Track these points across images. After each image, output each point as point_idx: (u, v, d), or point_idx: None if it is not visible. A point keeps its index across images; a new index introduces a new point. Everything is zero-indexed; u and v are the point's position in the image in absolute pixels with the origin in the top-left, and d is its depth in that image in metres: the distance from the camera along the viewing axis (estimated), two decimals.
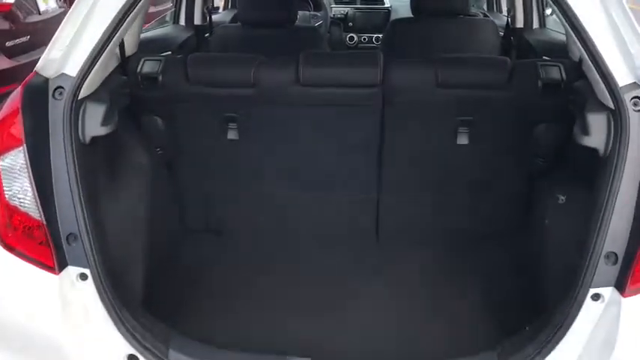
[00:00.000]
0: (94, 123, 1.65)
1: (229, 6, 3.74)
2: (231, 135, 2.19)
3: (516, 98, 2.00)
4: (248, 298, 2.03)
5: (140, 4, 1.68)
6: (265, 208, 2.38)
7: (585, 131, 1.57)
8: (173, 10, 3.12)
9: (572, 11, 1.47)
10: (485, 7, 4.07)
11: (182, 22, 3.14)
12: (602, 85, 1.50)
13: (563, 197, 1.92)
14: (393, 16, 4.03)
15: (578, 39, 1.50)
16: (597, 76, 1.50)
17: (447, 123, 2.10)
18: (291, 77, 2.02)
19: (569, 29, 1.52)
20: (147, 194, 2.07)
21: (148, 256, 1.99)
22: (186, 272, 2.20)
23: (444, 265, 2.23)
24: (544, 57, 2.59)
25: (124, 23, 1.66)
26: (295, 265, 2.23)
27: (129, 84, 1.98)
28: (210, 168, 2.30)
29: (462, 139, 2.13)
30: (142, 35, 2.81)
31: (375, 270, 2.21)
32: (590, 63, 1.50)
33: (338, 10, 4.15)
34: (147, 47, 2.65)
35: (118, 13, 1.63)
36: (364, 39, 4.00)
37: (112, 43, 1.66)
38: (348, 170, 2.26)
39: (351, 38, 4.04)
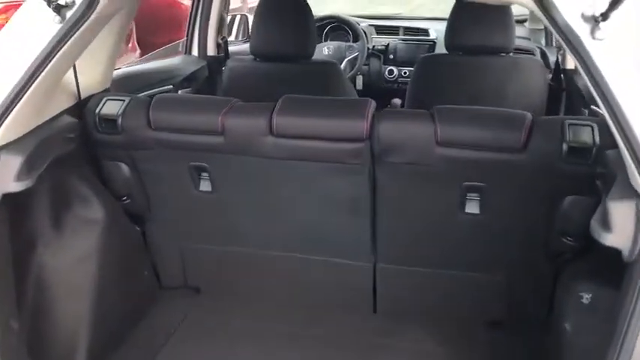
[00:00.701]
0: (6, 178, 1.41)
1: (240, 36, 3.51)
2: (204, 186, 1.92)
3: (536, 164, 1.60)
4: None
5: (76, 36, 1.44)
6: (247, 268, 2.10)
7: (605, 224, 1.17)
8: (185, 39, 2.91)
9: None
10: (543, 41, 3.63)
11: (195, 52, 2.93)
12: (633, 164, 1.11)
13: (588, 296, 1.50)
14: (438, 50, 3.68)
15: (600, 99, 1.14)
16: (626, 150, 1.12)
17: (452, 188, 1.73)
18: (263, 126, 1.72)
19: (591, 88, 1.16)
20: (100, 251, 1.82)
21: (101, 318, 1.81)
22: (160, 333, 2.00)
23: (447, 352, 1.86)
24: (592, 107, 2.17)
25: (52, 61, 1.42)
26: (282, 335, 1.97)
27: (80, 127, 1.75)
28: (184, 221, 2.04)
29: (472, 208, 1.76)
30: (143, 66, 2.61)
31: (372, 347, 1.92)
32: (615, 130, 1.13)
33: (379, 40, 3.81)
34: (144, 80, 2.45)
35: (44, 50, 1.39)
36: (405, 73, 3.65)
37: (35, 84, 1.42)
38: (336, 233, 1.94)
39: (391, 72, 3.70)
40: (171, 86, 2.60)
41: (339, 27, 3.83)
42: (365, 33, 3.78)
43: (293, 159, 1.77)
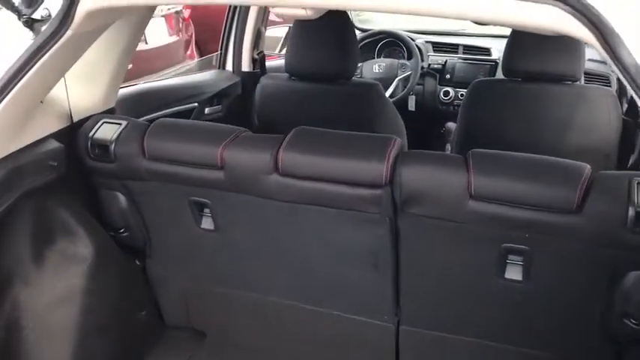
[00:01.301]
0: None
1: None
2: (206, 224, 1.70)
3: (593, 230, 1.29)
4: None
5: (51, 53, 1.25)
6: (254, 316, 1.87)
7: None
8: (218, 53, 2.72)
9: None
10: None
11: (229, 67, 2.73)
12: None
13: None
14: (501, 71, 3.34)
15: None
16: None
17: (489, 249, 1.44)
18: (267, 162, 1.49)
19: None
20: (85, 291, 1.63)
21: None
22: None
23: None
24: None
25: (20, 81, 1.24)
26: None
27: (65, 153, 1.56)
28: (186, 258, 1.83)
29: (513, 273, 1.46)
30: (163, 82, 2.45)
31: None
32: None
33: (435, 59, 3.51)
34: (164, 97, 2.28)
35: (9, 70, 1.21)
36: (462, 95, 3.33)
37: (4, 101, 1.24)
38: (353, 287, 1.67)
39: (447, 93, 3.39)
40: (196, 104, 2.41)
41: (394, 43, 3.56)
42: (420, 50, 3.48)
43: (301, 202, 1.52)
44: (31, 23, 1.26)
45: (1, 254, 1.52)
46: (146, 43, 5.43)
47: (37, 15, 1.28)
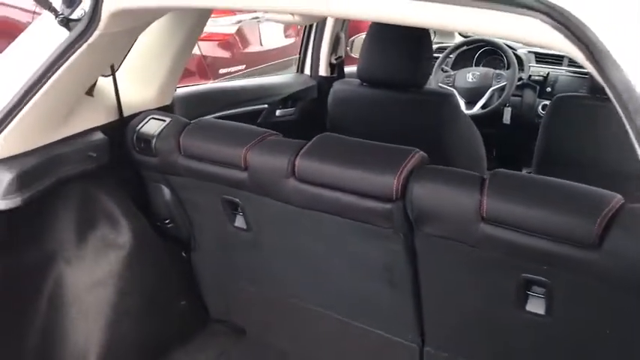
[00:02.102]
0: None
1: None
2: (239, 222, 1.74)
3: (615, 266, 1.15)
4: None
5: (81, 52, 1.35)
6: (285, 317, 1.89)
7: None
8: (298, 57, 2.75)
9: None
10: None
11: (307, 71, 2.76)
12: None
13: None
14: None
15: None
16: None
17: (508, 278, 1.33)
18: (284, 167, 1.49)
19: None
20: (120, 278, 1.74)
21: (115, 345, 1.76)
22: None
23: None
24: None
25: (56, 73, 1.35)
26: None
27: (107, 145, 1.67)
28: (225, 255, 1.88)
29: (535, 306, 1.35)
30: (235, 83, 2.54)
31: None
32: None
33: (536, 70, 3.29)
34: (233, 97, 2.36)
35: (55, 52, 1.32)
36: None
37: (35, 101, 1.36)
38: (375, 302, 1.63)
39: (545, 107, 3.16)
40: (266, 105, 2.46)
41: (494, 52, 3.39)
42: (522, 60, 3.28)
43: (316, 209, 1.50)
44: (66, 22, 1.35)
45: (48, 236, 1.65)
46: (261, 45, 5.65)
47: (74, 15, 1.37)
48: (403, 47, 2.12)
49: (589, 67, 0.88)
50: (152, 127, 1.73)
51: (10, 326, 1.57)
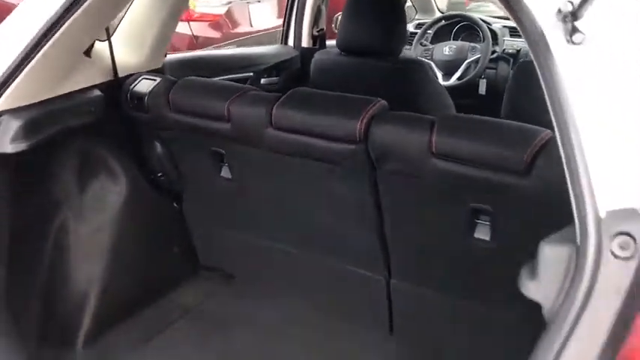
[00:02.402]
0: (3, 139, 1.55)
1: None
2: (224, 172, 1.93)
3: (540, 192, 1.34)
4: None
5: (84, 9, 1.52)
6: (270, 261, 2.08)
7: (532, 271, 0.95)
8: (282, 29, 2.93)
9: None
10: None
11: (291, 42, 2.93)
12: (573, 202, 0.90)
13: None
14: None
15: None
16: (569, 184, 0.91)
17: (457, 208, 1.52)
18: (263, 117, 1.67)
19: None
20: (118, 223, 1.92)
21: (113, 285, 1.94)
22: (176, 310, 2.11)
23: None
24: None
25: (56, 34, 1.52)
26: (292, 340, 1.95)
27: (103, 101, 1.84)
28: (213, 204, 2.07)
29: (481, 233, 1.54)
30: (223, 51, 2.69)
31: None
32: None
33: (510, 43, 3.47)
34: (220, 65, 2.52)
35: (55, 14, 1.49)
36: None
37: (40, 56, 1.53)
38: (347, 240, 1.82)
39: None
40: (252, 74, 2.64)
41: (471, 27, 3.57)
42: (496, 35, 3.46)
43: (292, 155, 1.69)
44: None
45: (52, 184, 1.83)
46: (251, 25, 5.80)
47: None
48: (376, 16, 2.28)
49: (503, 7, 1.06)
50: (144, 85, 1.91)
51: (23, 263, 1.75)
